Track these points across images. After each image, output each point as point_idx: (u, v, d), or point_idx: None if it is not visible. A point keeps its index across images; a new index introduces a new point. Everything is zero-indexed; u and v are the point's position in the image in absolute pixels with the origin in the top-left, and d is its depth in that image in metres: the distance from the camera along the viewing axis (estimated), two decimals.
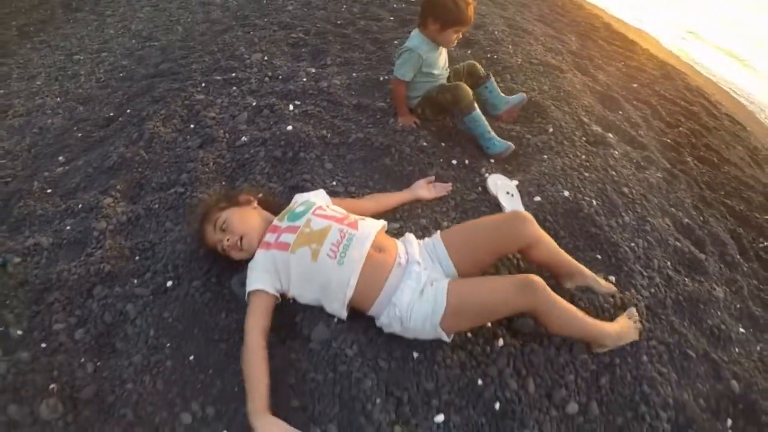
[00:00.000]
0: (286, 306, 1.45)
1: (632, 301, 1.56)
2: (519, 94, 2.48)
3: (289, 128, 2.22)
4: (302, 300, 1.43)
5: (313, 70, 2.89)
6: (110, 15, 5.16)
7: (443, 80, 2.31)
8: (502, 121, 2.43)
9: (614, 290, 1.58)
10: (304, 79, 2.75)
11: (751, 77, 5.12)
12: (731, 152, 3.18)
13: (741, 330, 1.75)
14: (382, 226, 1.53)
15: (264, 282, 1.39)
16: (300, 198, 1.64)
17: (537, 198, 1.92)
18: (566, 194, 1.92)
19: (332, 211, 1.52)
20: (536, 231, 1.48)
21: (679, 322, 1.62)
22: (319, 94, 2.59)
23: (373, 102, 2.54)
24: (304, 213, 1.48)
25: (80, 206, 1.96)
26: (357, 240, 1.39)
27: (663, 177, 2.43)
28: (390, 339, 1.38)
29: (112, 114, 2.78)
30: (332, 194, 1.76)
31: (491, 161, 2.20)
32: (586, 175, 2.06)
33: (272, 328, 1.41)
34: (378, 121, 2.37)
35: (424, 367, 1.32)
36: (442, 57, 2.26)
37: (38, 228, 1.90)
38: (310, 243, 1.38)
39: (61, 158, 2.43)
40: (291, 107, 2.47)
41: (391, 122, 2.32)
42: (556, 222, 1.82)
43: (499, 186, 1.97)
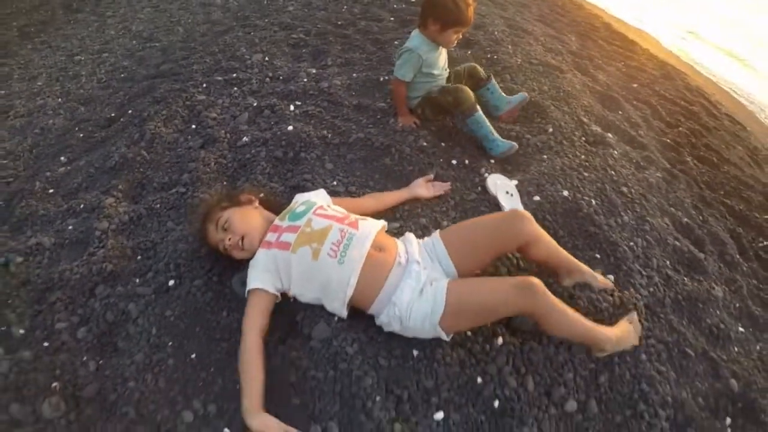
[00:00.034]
0: (287, 305, 1.46)
1: (631, 300, 1.57)
2: (520, 94, 2.48)
3: (290, 128, 2.23)
4: (303, 299, 1.44)
5: (314, 71, 2.89)
6: (111, 16, 5.16)
7: (443, 80, 2.32)
8: (502, 122, 2.44)
9: (611, 286, 1.59)
10: (305, 80, 2.75)
11: (751, 77, 5.12)
12: (731, 152, 3.18)
13: (740, 329, 1.75)
14: (382, 226, 1.54)
15: (264, 281, 1.40)
16: (301, 198, 1.64)
17: (536, 197, 1.92)
18: (565, 194, 1.92)
19: (333, 211, 1.53)
20: (535, 229, 1.49)
21: (678, 321, 1.63)
22: (320, 95, 2.60)
23: (374, 102, 2.54)
24: (305, 213, 1.48)
25: (82, 206, 1.96)
26: (357, 239, 1.40)
27: (662, 177, 2.43)
28: (390, 337, 1.39)
29: (114, 114, 2.78)
30: (333, 194, 1.76)
31: (491, 161, 2.20)
32: (586, 175, 2.07)
33: (273, 327, 1.42)
34: (378, 122, 2.38)
35: (424, 365, 1.33)
36: (442, 57, 2.27)
37: (40, 228, 1.90)
38: (311, 242, 1.39)
39: (63, 158, 2.43)
40: (292, 107, 2.48)
41: (392, 122, 2.33)
42: (555, 221, 1.83)
43: (499, 186, 1.98)
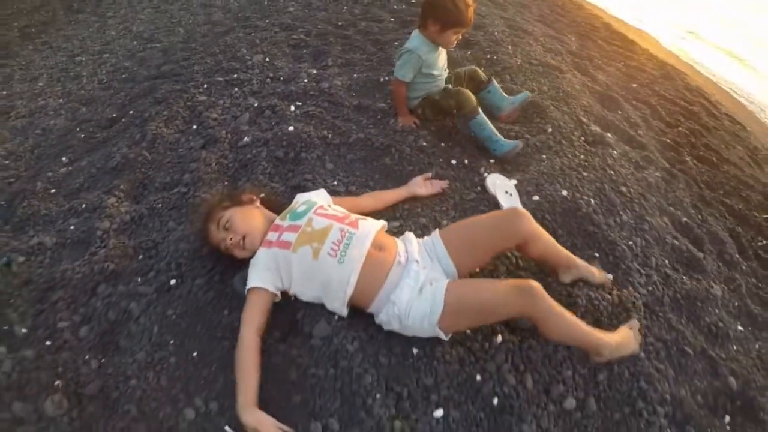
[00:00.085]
0: (288, 303, 1.47)
1: (630, 299, 1.57)
2: (522, 93, 2.49)
3: (291, 129, 2.24)
4: (303, 297, 1.45)
5: (314, 72, 2.90)
6: (111, 16, 5.17)
7: (442, 81, 2.32)
8: (502, 122, 2.44)
9: (609, 281, 1.61)
10: (306, 80, 2.76)
11: (751, 77, 5.12)
12: (731, 152, 3.18)
13: (739, 328, 1.76)
14: (382, 226, 1.55)
15: (264, 280, 1.41)
16: (301, 198, 1.65)
17: (535, 197, 1.93)
18: (564, 193, 1.93)
19: (333, 211, 1.54)
20: (533, 226, 1.50)
21: (677, 320, 1.64)
22: (320, 95, 2.61)
23: (374, 103, 2.55)
24: (306, 212, 1.49)
25: (84, 206, 1.97)
26: (357, 239, 1.41)
27: (662, 176, 2.44)
28: (390, 335, 1.39)
29: (115, 115, 2.79)
30: (333, 194, 1.77)
31: (490, 161, 2.21)
32: (585, 175, 2.07)
33: (274, 325, 1.43)
34: (378, 122, 2.39)
35: (424, 363, 1.34)
36: (442, 58, 2.28)
37: (42, 228, 1.91)
38: (312, 242, 1.40)
39: (65, 159, 2.43)
40: (292, 108, 2.49)
41: (392, 123, 2.34)
42: (555, 221, 1.83)
43: (498, 185, 1.98)
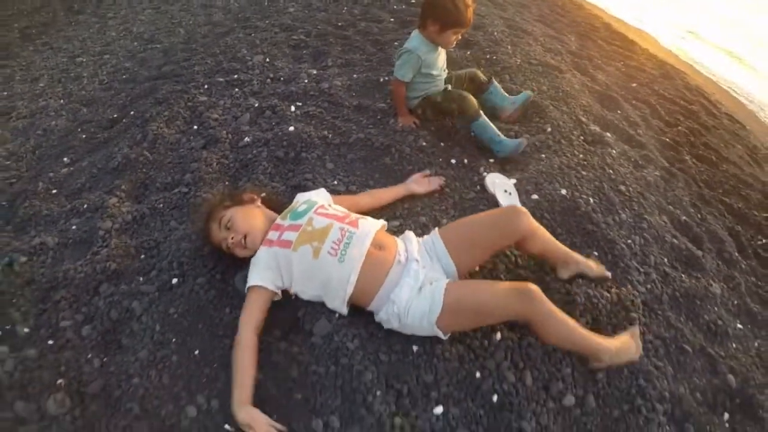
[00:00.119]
0: (289, 302, 1.48)
1: (629, 297, 1.58)
2: (524, 93, 2.50)
3: (291, 129, 2.25)
4: (304, 296, 1.46)
5: (314, 72, 2.91)
6: (112, 17, 5.17)
7: (442, 81, 2.33)
8: (501, 121, 2.45)
9: (607, 275, 1.62)
10: (306, 81, 2.77)
11: (751, 77, 5.12)
12: (730, 151, 3.17)
13: (738, 326, 1.76)
14: (382, 225, 1.56)
15: (264, 279, 1.42)
16: (302, 197, 1.66)
17: (534, 196, 1.94)
18: (563, 192, 1.94)
19: (334, 210, 1.55)
20: (531, 223, 1.52)
21: (676, 318, 1.64)
22: (320, 96, 2.62)
23: (374, 103, 2.56)
24: (306, 212, 1.50)
25: (85, 206, 1.98)
26: (357, 238, 1.42)
27: (661, 175, 2.44)
28: (390, 333, 1.40)
29: (116, 116, 2.80)
30: (333, 193, 1.78)
31: (490, 160, 2.22)
32: (584, 174, 2.08)
33: (275, 323, 1.44)
34: (378, 122, 2.40)
35: (424, 361, 1.35)
36: (441, 58, 2.29)
37: (44, 228, 1.91)
38: (312, 241, 1.41)
39: (66, 159, 2.44)
40: (293, 108, 2.50)
41: (391, 122, 2.35)
42: (554, 219, 1.84)
43: (497, 184, 1.99)
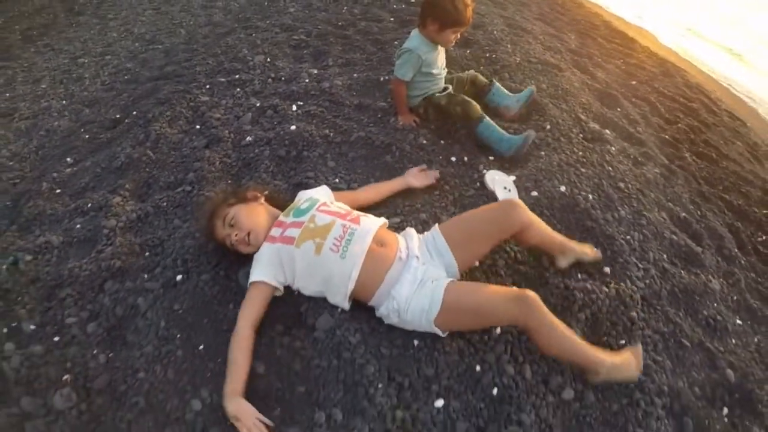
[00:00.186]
0: (291, 297, 1.50)
1: (627, 293, 1.59)
2: (527, 89, 2.51)
3: (293, 128, 2.27)
4: (306, 292, 1.48)
5: (315, 71, 2.93)
6: (113, 18, 5.17)
7: (442, 79, 2.35)
8: (505, 120, 2.45)
9: (599, 256, 1.68)
10: (307, 80, 2.79)
11: (751, 74, 5.13)
12: (730, 148, 3.17)
13: (738, 321, 1.77)
14: (384, 223, 1.58)
15: (267, 275, 1.44)
16: (304, 195, 1.68)
17: (534, 193, 1.95)
18: (563, 189, 1.95)
19: (336, 208, 1.57)
20: (528, 215, 1.54)
21: (675, 313, 1.65)
22: (321, 95, 2.63)
23: (374, 102, 2.58)
24: (309, 209, 1.52)
25: (89, 205, 2.00)
26: (359, 235, 1.44)
27: (660, 172, 2.44)
28: (391, 328, 1.42)
29: (118, 116, 2.81)
30: (334, 191, 1.79)
31: (489, 158, 2.23)
32: (583, 171, 2.09)
33: (278, 318, 1.46)
34: (379, 120, 2.42)
35: (425, 354, 1.36)
36: (441, 57, 2.30)
37: (48, 227, 1.93)
38: (314, 237, 1.43)
39: (69, 159, 2.46)
40: (294, 107, 2.51)
41: (392, 121, 2.37)
42: (553, 216, 1.86)
43: (497, 181, 2.01)
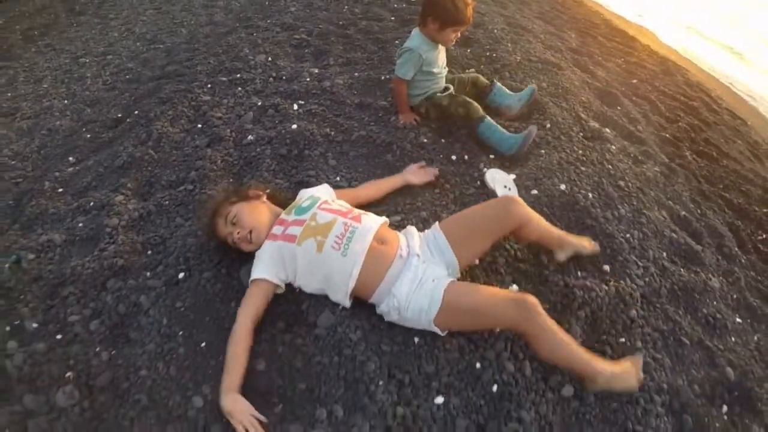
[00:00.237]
0: (293, 294, 1.51)
1: (627, 291, 1.60)
2: (528, 88, 2.51)
3: (294, 127, 2.28)
4: (307, 289, 1.49)
5: (316, 71, 2.93)
6: (114, 18, 5.17)
7: (443, 78, 2.36)
8: (506, 119, 2.46)
9: (597, 249, 1.70)
10: (308, 79, 2.79)
11: (752, 73, 5.12)
12: (731, 146, 3.17)
13: (737, 320, 1.77)
14: (385, 221, 1.59)
15: (268, 272, 1.45)
16: (305, 193, 1.69)
17: (534, 191, 1.96)
18: (563, 188, 1.96)
19: (337, 206, 1.58)
20: (526, 211, 1.56)
21: (674, 311, 1.65)
22: (323, 94, 2.64)
23: (375, 101, 2.59)
24: (311, 207, 1.53)
25: (92, 204, 2.01)
26: (360, 233, 1.45)
27: (661, 171, 2.45)
28: (392, 325, 1.43)
29: (120, 115, 2.82)
30: (335, 189, 1.79)
31: (490, 156, 2.23)
32: (583, 169, 2.10)
33: (279, 315, 1.47)
34: (380, 119, 2.43)
35: (425, 351, 1.37)
36: (441, 55, 2.31)
37: (51, 226, 1.94)
38: (316, 235, 1.44)
39: (71, 159, 2.47)
40: (295, 106, 2.52)
41: (393, 120, 2.37)
42: (553, 214, 1.86)
43: (497, 180, 2.01)
